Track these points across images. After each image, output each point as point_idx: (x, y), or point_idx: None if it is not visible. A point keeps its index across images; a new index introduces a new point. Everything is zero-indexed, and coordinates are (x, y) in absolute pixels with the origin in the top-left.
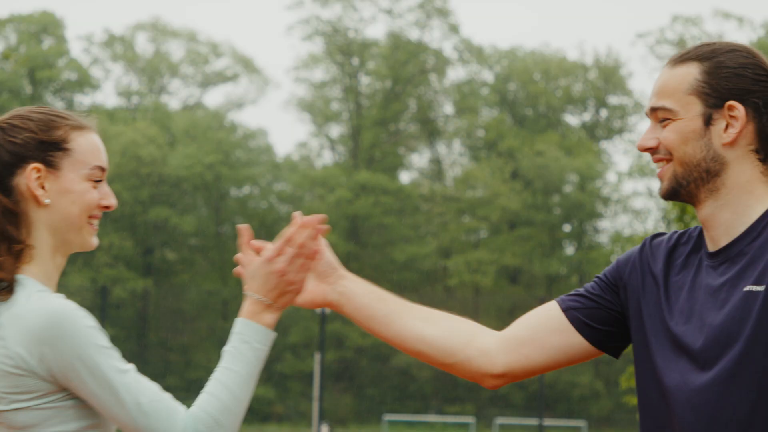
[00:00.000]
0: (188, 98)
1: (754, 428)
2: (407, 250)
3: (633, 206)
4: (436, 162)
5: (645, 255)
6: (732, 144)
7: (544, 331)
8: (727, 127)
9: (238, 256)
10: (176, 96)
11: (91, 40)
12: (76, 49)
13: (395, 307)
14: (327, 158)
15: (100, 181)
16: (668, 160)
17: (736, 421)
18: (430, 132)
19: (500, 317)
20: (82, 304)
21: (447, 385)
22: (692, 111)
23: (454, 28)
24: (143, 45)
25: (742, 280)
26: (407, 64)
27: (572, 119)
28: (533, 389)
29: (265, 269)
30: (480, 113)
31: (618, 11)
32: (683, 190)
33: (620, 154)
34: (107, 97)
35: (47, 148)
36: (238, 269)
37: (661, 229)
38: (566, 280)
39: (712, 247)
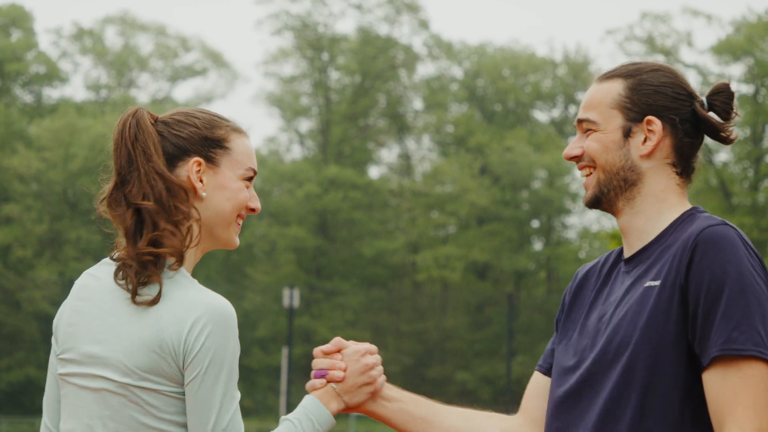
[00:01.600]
0: (157, 92)
1: (649, 409)
2: (376, 245)
3: None
4: (405, 157)
5: (574, 285)
6: (648, 156)
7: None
8: (645, 140)
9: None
10: (145, 90)
11: (59, 34)
12: (44, 42)
13: (431, 410)
14: (296, 153)
15: (251, 182)
16: (592, 168)
17: (632, 404)
18: (400, 127)
19: (468, 313)
20: (49, 298)
21: (415, 380)
22: (613, 123)
23: (423, 24)
24: (112, 38)
25: (645, 278)
26: (377, 59)
27: (541, 115)
28: (501, 384)
29: (354, 359)
30: (449, 109)
31: (587, 8)
32: (604, 198)
33: None
34: (76, 90)
35: (210, 144)
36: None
37: None
38: (534, 275)
39: (627, 254)
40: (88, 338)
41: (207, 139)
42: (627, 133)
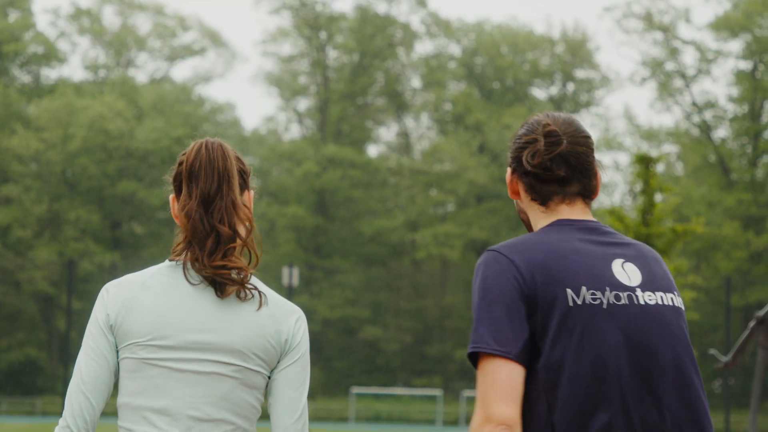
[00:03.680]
0: (155, 72)
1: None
2: (375, 223)
3: None
4: (404, 135)
5: None
6: (516, 198)
7: None
8: None
9: None
10: (143, 69)
11: (57, 14)
12: (42, 22)
13: None
14: (295, 132)
15: None
16: None
17: None
18: (398, 105)
19: (468, 290)
20: (49, 278)
21: (414, 358)
22: None
23: (421, 2)
24: (110, 18)
25: None
26: (375, 37)
27: (539, 93)
28: None
29: None
30: (447, 87)
31: None
32: None
33: (587, 128)
34: (74, 70)
35: (249, 182)
36: None
37: (627, 202)
38: None
39: None
40: (192, 328)
41: (249, 177)
42: None
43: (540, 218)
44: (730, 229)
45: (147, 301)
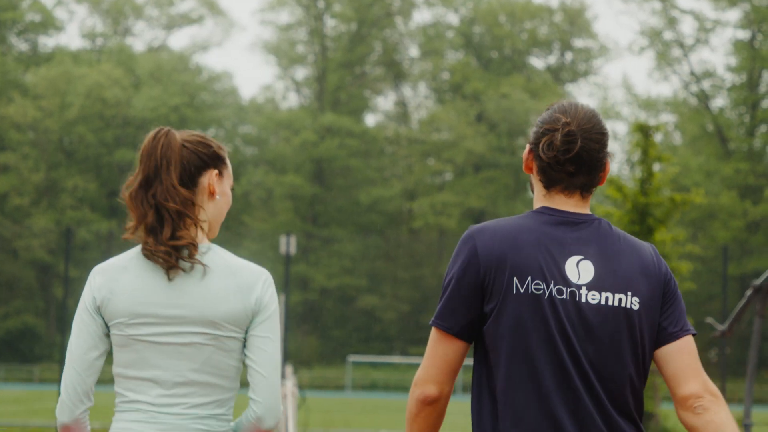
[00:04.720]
0: (153, 40)
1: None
2: (372, 192)
3: None
4: (402, 104)
5: None
6: (528, 172)
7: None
8: None
9: None
10: (141, 38)
11: None
12: None
13: None
14: (292, 101)
15: None
16: None
17: None
18: (396, 74)
19: None
20: (46, 246)
21: (411, 326)
22: None
23: None
24: None
25: None
26: (372, 6)
27: (537, 62)
28: None
29: None
30: (445, 56)
31: None
32: None
33: (585, 97)
34: (71, 38)
35: (220, 161)
36: None
37: (625, 171)
38: None
39: None
40: (167, 304)
41: (219, 157)
42: None
43: (539, 199)
44: (727, 199)
45: (126, 283)
